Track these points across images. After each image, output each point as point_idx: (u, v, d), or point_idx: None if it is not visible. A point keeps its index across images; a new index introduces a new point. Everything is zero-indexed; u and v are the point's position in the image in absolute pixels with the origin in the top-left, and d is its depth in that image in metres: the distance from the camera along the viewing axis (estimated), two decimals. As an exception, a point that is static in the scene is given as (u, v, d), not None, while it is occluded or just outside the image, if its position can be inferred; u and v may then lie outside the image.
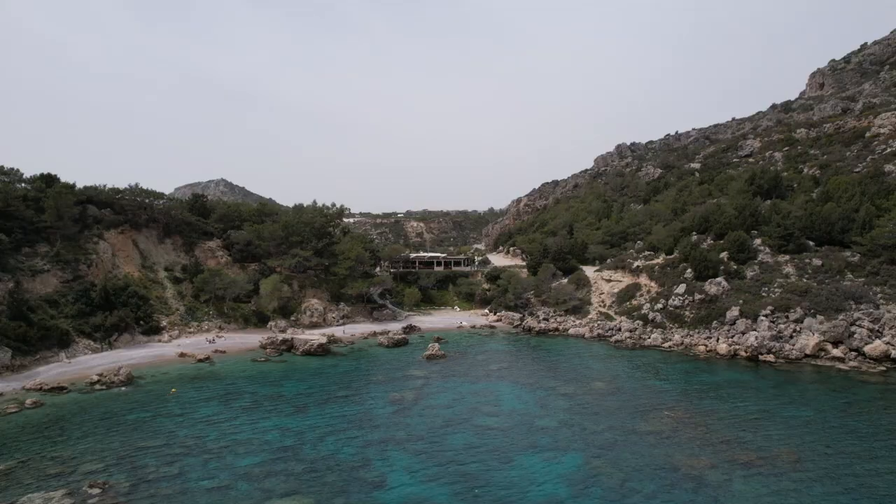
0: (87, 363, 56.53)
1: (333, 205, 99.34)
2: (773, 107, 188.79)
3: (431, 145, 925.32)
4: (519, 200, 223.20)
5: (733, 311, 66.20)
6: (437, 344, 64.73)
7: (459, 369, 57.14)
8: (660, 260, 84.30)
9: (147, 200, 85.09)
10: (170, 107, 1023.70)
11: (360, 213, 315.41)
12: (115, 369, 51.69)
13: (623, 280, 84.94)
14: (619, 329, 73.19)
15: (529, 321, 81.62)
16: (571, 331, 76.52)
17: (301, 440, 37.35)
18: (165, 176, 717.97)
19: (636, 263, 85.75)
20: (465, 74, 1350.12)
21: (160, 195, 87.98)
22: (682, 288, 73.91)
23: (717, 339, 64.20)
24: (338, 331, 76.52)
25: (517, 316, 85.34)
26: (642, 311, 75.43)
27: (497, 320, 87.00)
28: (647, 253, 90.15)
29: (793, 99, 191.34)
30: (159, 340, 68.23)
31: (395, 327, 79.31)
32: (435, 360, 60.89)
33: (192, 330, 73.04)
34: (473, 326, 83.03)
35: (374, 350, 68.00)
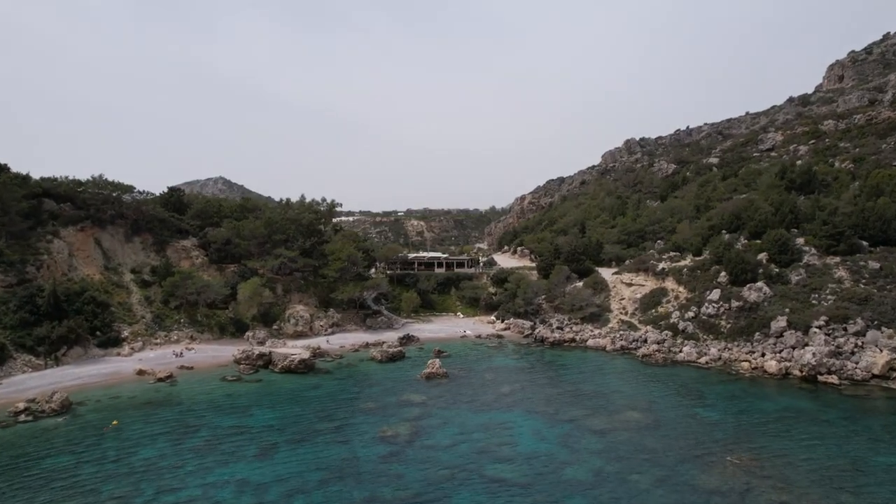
0: (22, 384, 47.75)
1: (324, 200, 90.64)
2: (791, 100, 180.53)
3: (432, 143, 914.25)
4: (523, 198, 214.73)
5: (779, 322, 57.33)
6: (437, 360, 55.67)
7: (464, 393, 48.21)
8: (687, 261, 75.22)
9: (114, 194, 76.06)
10: (169, 104, 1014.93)
11: (360, 212, 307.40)
12: (49, 394, 42.79)
13: (646, 284, 75.89)
14: (646, 340, 64.24)
15: (542, 330, 72.59)
16: (590, 342, 67.42)
17: (261, 500, 28.57)
18: (165, 175, 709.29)
19: (661, 265, 76.58)
20: (466, 72, 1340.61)
21: (129, 188, 78.98)
22: (715, 294, 65.00)
23: (764, 355, 55.28)
24: (324, 342, 67.62)
25: (528, 324, 76.29)
26: (671, 320, 66.48)
27: (505, 329, 77.98)
28: (671, 254, 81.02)
29: (810, 92, 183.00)
30: (118, 354, 59.44)
31: (390, 337, 70.46)
32: (435, 379, 52.02)
33: (158, 341, 64.18)
34: (479, 336, 73.99)
35: (365, 365, 59.12)
